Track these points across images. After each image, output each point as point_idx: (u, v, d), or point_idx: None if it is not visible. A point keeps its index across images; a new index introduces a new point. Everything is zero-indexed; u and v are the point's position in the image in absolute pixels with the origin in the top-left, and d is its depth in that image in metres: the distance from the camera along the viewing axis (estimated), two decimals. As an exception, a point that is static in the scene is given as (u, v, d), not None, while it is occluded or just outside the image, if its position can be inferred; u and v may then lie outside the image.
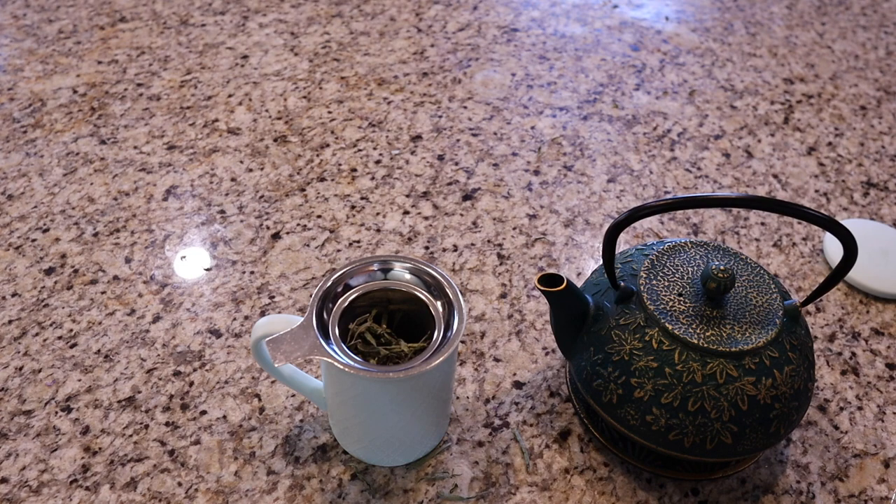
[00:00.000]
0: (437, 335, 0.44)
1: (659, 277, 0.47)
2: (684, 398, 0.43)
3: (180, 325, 0.58)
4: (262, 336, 0.45)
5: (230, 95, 0.80)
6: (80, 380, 0.54)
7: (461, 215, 0.68)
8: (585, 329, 0.48)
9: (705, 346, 0.43)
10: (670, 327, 0.44)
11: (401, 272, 0.47)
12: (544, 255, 0.64)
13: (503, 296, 0.61)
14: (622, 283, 0.47)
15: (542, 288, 0.45)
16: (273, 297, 0.60)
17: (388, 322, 0.49)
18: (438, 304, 0.46)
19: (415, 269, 0.47)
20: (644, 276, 0.47)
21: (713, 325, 0.44)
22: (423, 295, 0.46)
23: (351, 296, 0.46)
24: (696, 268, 0.48)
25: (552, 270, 0.55)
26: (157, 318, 0.58)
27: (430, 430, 0.48)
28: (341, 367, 0.41)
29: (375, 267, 0.47)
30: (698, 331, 0.44)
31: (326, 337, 0.43)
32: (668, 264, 0.48)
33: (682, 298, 0.46)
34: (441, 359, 0.42)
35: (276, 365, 0.42)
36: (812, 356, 0.46)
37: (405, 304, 0.48)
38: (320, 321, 0.44)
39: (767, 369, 0.43)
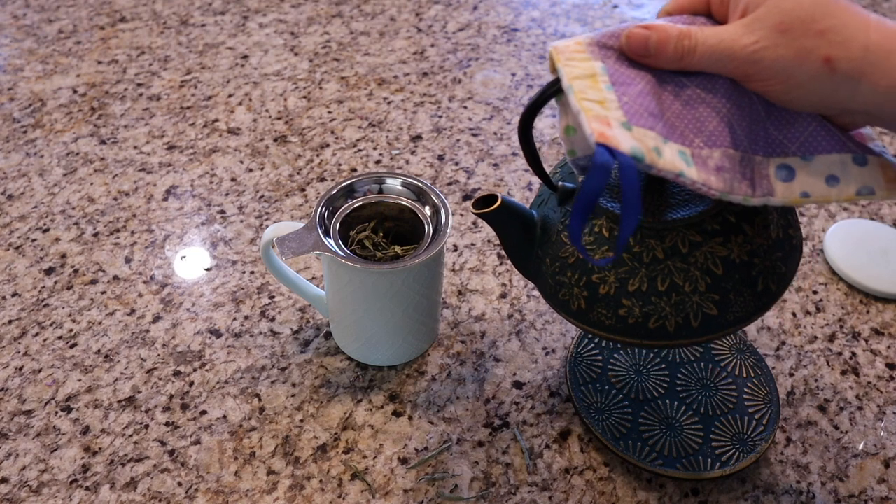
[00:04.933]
0: (427, 238, 0.50)
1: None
2: (651, 280, 0.40)
3: (180, 325, 0.58)
4: (271, 241, 0.50)
5: (230, 95, 0.80)
6: (80, 380, 0.54)
7: (461, 215, 0.68)
8: (537, 244, 0.45)
9: (659, 219, 0.40)
10: (617, 212, 0.40)
11: (393, 184, 0.53)
12: (544, 255, 0.64)
13: (503, 296, 0.61)
14: (560, 184, 0.44)
15: (477, 212, 0.43)
16: (273, 297, 0.60)
17: (384, 235, 0.55)
18: (427, 209, 0.52)
19: (405, 182, 0.53)
20: (578, 173, 0.44)
21: (665, 197, 0.41)
22: (413, 204, 0.53)
23: (350, 206, 0.52)
24: None
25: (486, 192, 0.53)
26: (157, 318, 0.58)
27: (421, 329, 0.54)
28: (341, 260, 0.47)
29: (372, 179, 0.53)
30: (650, 207, 0.41)
31: (328, 237, 0.49)
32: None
33: None
34: (430, 254, 0.48)
35: (282, 260, 0.44)
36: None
37: (399, 219, 0.54)
38: (323, 224, 0.50)
39: (734, 225, 0.40)
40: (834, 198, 0.36)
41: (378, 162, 0.73)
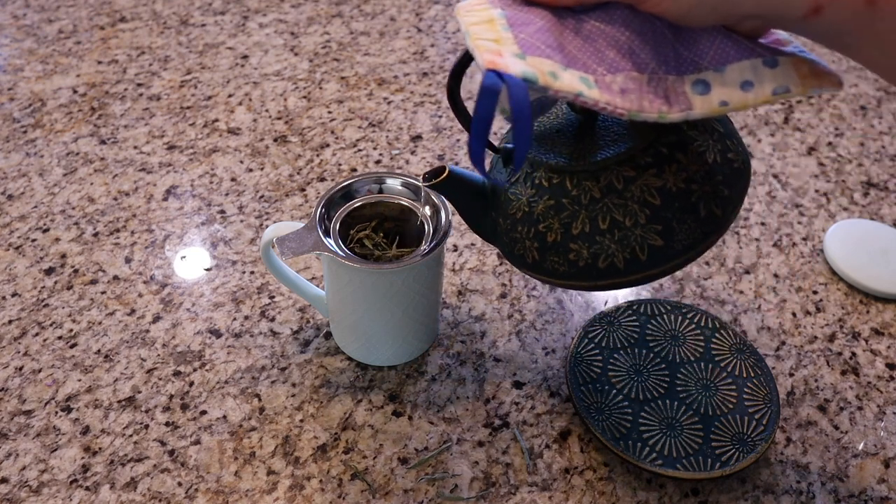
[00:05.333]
0: (427, 238, 0.50)
1: (535, 125, 0.45)
2: (592, 219, 0.41)
3: (180, 325, 0.58)
4: (270, 241, 0.50)
5: (230, 95, 0.80)
6: (80, 380, 0.54)
7: (461, 215, 0.68)
8: (491, 208, 0.46)
9: (592, 161, 0.41)
10: (553, 162, 0.42)
11: (393, 184, 0.53)
12: (544, 255, 0.64)
13: (503, 296, 0.61)
14: (503, 146, 0.46)
15: (427, 185, 0.44)
16: (273, 297, 0.60)
17: (384, 235, 0.55)
18: (427, 209, 0.52)
19: (405, 182, 0.53)
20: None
21: (595, 140, 0.42)
22: (413, 204, 0.53)
23: (350, 206, 0.52)
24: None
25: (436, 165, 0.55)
26: (157, 318, 0.58)
27: (421, 329, 0.54)
28: (341, 260, 0.47)
29: (372, 179, 0.53)
30: (583, 153, 0.42)
31: (328, 237, 0.50)
32: (544, 109, 0.46)
33: (559, 133, 0.44)
34: (430, 254, 0.48)
35: (282, 260, 0.44)
36: (722, 126, 0.43)
37: (399, 219, 0.54)
38: (323, 224, 0.50)
39: (667, 156, 0.40)
40: (752, 102, 0.37)
41: (378, 162, 0.73)
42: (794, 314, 0.61)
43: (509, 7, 0.38)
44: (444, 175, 0.44)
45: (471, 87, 0.83)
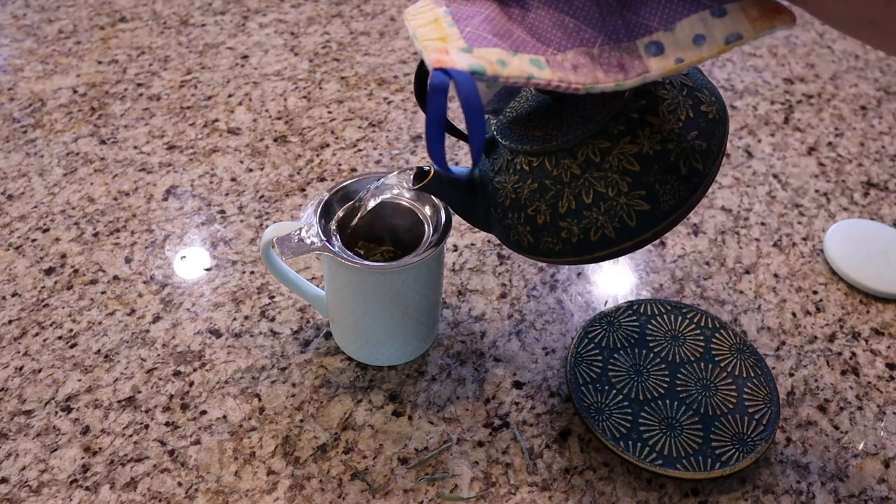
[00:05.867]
0: (427, 238, 0.50)
1: (507, 113, 0.46)
2: (576, 196, 0.41)
3: (180, 325, 0.58)
4: (270, 241, 0.50)
5: (230, 95, 0.80)
6: (80, 380, 0.54)
7: (461, 215, 0.68)
8: (481, 199, 0.47)
9: (566, 139, 0.41)
10: (529, 147, 0.43)
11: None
12: (544, 255, 0.64)
13: (503, 296, 0.61)
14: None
15: (416, 187, 0.45)
16: (273, 297, 0.60)
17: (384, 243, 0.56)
18: (427, 209, 0.52)
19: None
20: (494, 119, 0.47)
21: (565, 118, 0.43)
22: (413, 204, 0.53)
23: (350, 206, 0.52)
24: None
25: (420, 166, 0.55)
26: (157, 318, 0.58)
27: (421, 329, 0.54)
28: (341, 260, 0.47)
29: (372, 179, 0.53)
30: (557, 132, 0.42)
31: (328, 237, 0.50)
32: (513, 95, 0.47)
33: (531, 116, 0.45)
34: (430, 254, 0.48)
35: (282, 260, 0.44)
36: (692, 79, 0.43)
37: (398, 219, 0.54)
38: (322, 224, 0.50)
39: (638, 121, 0.41)
40: (707, 54, 0.37)
41: (378, 162, 0.73)
42: (794, 314, 0.61)
43: (454, 3, 0.39)
44: (431, 176, 0.45)
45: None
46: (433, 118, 0.35)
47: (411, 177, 0.47)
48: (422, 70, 0.42)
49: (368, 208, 0.50)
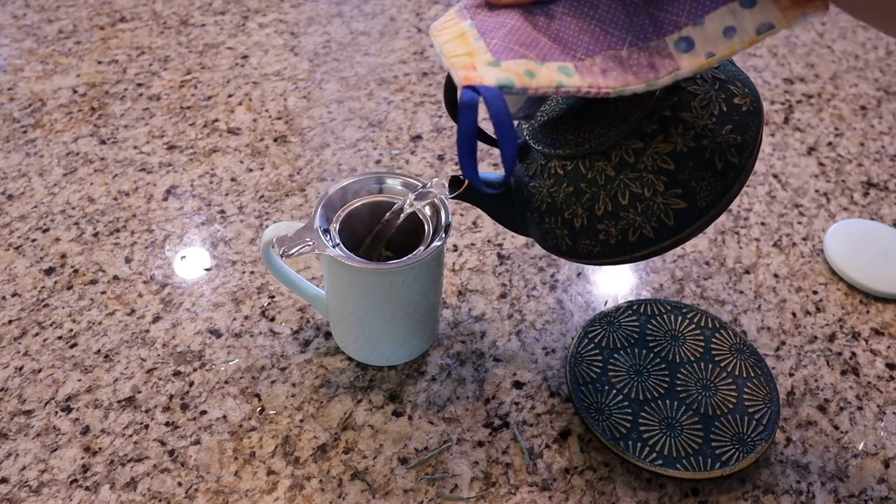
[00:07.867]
0: (427, 238, 0.50)
1: (538, 117, 0.46)
2: (612, 197, 0.41)
3: (180, 325, 0.58)
4: (270, 241, 0.51)
5: (230, 95, 0.80)
6: (80, 380, 0.54)
7: (461, 215, 0.68)
8: (517, 204, 0.47)
9: (599, 141, 0.41)
10: (562, 151, 0.43)
11: (393, 184, 0.53)
12: (544, 255, 0.64)
13: (503, 296, 0.61)
14: (518, 141, 0.46)
15: (453, 196, 0.46)
16: (273, 297, 0.60)
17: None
18: (427, 209, 0.52)
19: (405, 182, 0.53)
20: (526, 124, 0.47)
21: (600, 121, 0.43)
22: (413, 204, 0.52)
23: (350, 206, 0.52)
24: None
25: (456, 174, 0.55)
26: (157, 318, 0.58)
27: (421, 329, 0.54)
28: (341, 259, 0.47)
29: (372, 179, 0.53)
30: (589, 136, 0.42)
31: (328, 237, 0.49)
32: (544, 99, 0.47)
33: (563, 119, 0.45)
34: (430, 254, 0.48)
35: (282, 260, 0.44)
36: (723, 72, 0.42)
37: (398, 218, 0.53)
38: (322, 224, 0.50)
39: (671, 119, 0.40)
40: (738, 46, 0.36)
41: (378, 162, 0.73)
42: (794, 314, 0.61)
43: (479, 15, 0.39)
44: (466, 184, 0.46)
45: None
46: (464, 135, 0.35)
47: (446, 185, 0.47)
48: (450, 81, 0.42)
49: (403, 216, 0.50)
